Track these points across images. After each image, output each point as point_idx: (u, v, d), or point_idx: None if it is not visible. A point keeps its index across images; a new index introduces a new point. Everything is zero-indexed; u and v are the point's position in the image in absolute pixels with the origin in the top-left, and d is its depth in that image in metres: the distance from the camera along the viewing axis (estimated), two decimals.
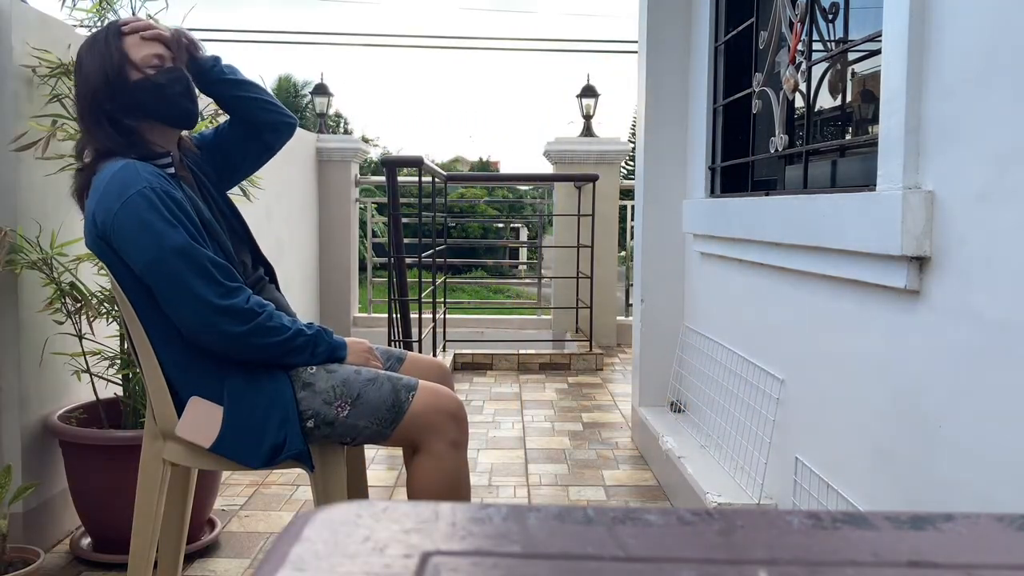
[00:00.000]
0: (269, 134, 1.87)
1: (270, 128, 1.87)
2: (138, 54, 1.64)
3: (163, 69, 1.65)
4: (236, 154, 1.87)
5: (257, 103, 1.83)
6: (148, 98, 1.64)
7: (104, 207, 1.53)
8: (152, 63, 1.64)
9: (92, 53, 1.64)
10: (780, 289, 2.11)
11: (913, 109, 1.41)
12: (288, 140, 1.92)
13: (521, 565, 0.31)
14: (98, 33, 1.68)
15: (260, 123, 1.85)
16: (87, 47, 1.66)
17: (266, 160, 1.93)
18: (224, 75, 1.80)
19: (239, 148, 1.86)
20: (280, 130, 1.88)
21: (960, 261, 1.30)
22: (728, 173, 2.76)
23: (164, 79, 1.65)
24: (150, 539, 1.71)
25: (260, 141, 1.87)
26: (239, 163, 1.89)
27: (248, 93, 1.83)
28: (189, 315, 1.53)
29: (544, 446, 3.37)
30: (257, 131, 1.86)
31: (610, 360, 5.28)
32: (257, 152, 1.89)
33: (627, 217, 6.07)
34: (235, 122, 1.86)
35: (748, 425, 2.29)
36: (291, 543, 0.33)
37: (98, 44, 1.64)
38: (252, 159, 1.90)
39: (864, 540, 0.33)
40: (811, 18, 2.05)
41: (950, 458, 1.33)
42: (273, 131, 1.88)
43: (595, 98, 6.33)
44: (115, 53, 1.62)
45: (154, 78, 1.64)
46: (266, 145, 1.89)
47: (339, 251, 6.02)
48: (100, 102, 1.62)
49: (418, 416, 1.62)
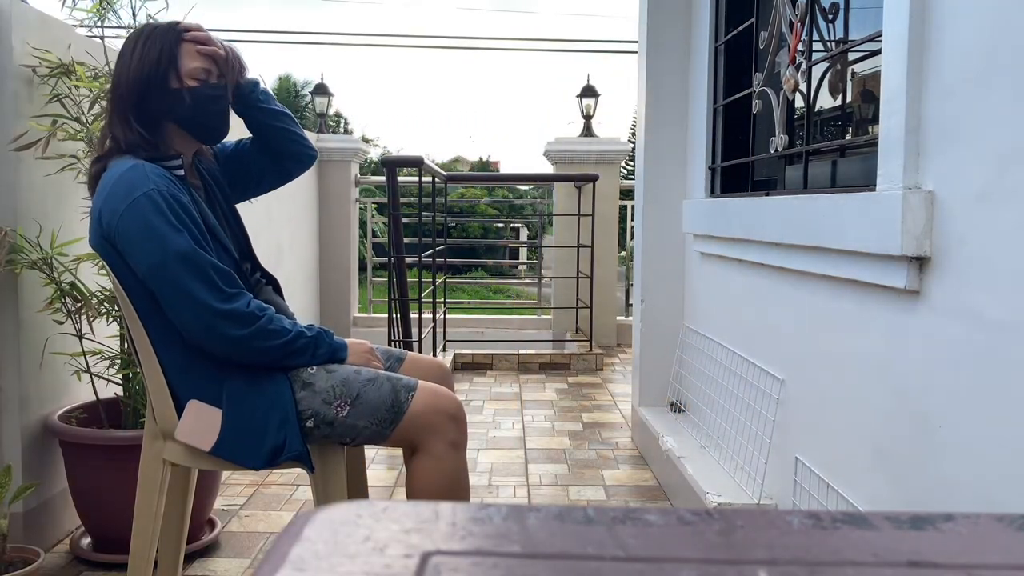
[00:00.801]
0: (290, 163, 1.92)
1: (293, 159, 1.91)
2: (188, 64, 1.64)
3: (208, 84, 1.66)
4: (253, 173, 1.90)
5: (286, 134, 1.88)
6: (184, 108, 1.64)
7: (110, 207, 1.53)
8: (198, 76, 1.65)
9: (144, 47, 1.63)
10: (780, 289, 2.11)
11: (913, 109, 1.41)
12: (307, 170, 1.97)
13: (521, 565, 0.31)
14: (157, 28, 1.66)
15: (285, 153, 1.89)
16: (141, 39, 1.64)
17: (280, 185, 1.97)
18: (261, 103, 1.83)
19: (257, 169, 1.90)
20: (302, 161, 1.93)
21: (960, 261, 1.30)
22: (728, 173, 2.76)
23: (207, 94, 1.66)
24: (150, 539, 1.71)
25: (280, 167, 1.92)
26: (254, 183, 1.92)
27: (280, 123, 1.87)
28: (191, 319, 1.53)
29: (544, 446, 3.37)
30: (280, 159, 1.90)
31: (610, 360, 5.28)
32: (274, 177, 1.93)
33: (627, 217, 6.07)
34: (259, 146, 1.89)
35: (748, 425, 2.29)
36: (291, 543, 0.33)
37: (152, 41, 1.63)
38: (268, 182, 1.94)
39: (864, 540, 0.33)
40: (811, 18, 2.05)
41: (950, 458, 1.33)
42: (296, 162, 1.92)
43: (595, 98, 6.33)
44: (165, 56, 1.62)
45: (197, 90, 1.65)
46: (285, 172, 1.93)
47: (339, 251, 6.02)
48: (131, 97, 1.62)
49: (417, 416, 1.62)
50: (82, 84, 2.29)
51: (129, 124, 1.62)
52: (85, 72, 2.29)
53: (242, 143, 1.90)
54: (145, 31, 1.66)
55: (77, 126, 2.28)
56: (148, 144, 1.62)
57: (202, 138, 1.74)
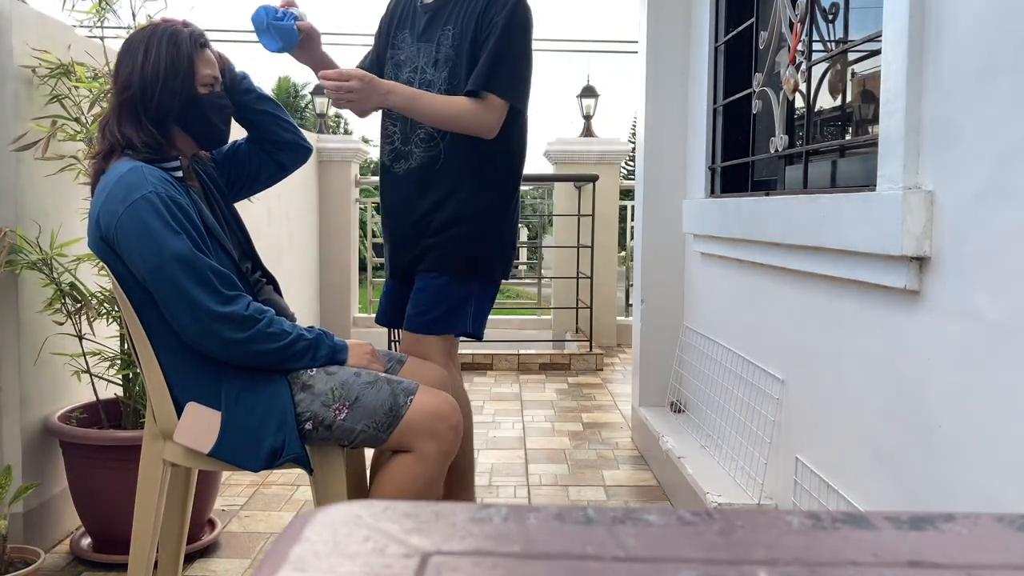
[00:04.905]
0: (285, 154, 1.93)
1: (287, 148, 1.92)
2: (202, 70, 1.67)
3: (215, 92, 1.70)
4: (250, 170, 1.91)
5: (276, 120, 1.90)
6: (195, 113, 1.67)
7: (108, 210, 1.53)
8: (208, 82, 1.68)
9: (159, 49, 1.62)
10: (780, 289, 2.11)
11: (913, 109, 1.41)
12: (302, 164, 1.97)
13: (521, 565, 0.31)
14: (175, 32, 1.65)
15: (277, 141, 1.90)
16: (155, 41, 1.63)
17: (277, 180, 1.98)
18: (252, 88, 1.87)
19: (254, 164, 1.91)
20: (296, 152, 1.94)
21: (960, 261, 1.30)
22: (728, 173, 2.76)
23: (217, 102, 1.70)
24: (150, 539, 1.71)
25: (275, 161, 1.92)
26: (251, 180, 1.93)
27: (268, 108, 1.89)
28: (190, 322, 1.53)
29: (544, 446, 3.37)
30: (274, 149, 1.91)
31: (610, 360, 5.28)
32: (270, 171, 1.94)
33: (627, 217, 6.07)
34: (252, 139, 1.91)
35: (748, 425, 2.29)
36: (291, 543, 0.33)
37: (171, 44, 1.63)
38: (264, 177, 1.94)
39: (864, 540, 0.33)
40: (811, 18, 2.05)
41: (950, 458, 1.33)
42: (290, 152, 1.93)
43: (595, 98, 6.33)
44: (185, 62, 1.63)
45: (208, 97, 1.68)
46: (280, 165, 1.94)
47: (339, 251, 6.02)
48: (145, 97, 1.61)
49: (414, 421, 1.62)
50: (82, 85, 2.29)
51: (140, 123, 1.62)
52: (85, 72, 2.29)
53: (237, 143, 1.91)
54: (157, 33, 1.65)
55: (77, 127, 2.28)
56: (156, 144, 1.62)
57: (205, 143, 1.75)
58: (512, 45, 1.90)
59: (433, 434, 1.63)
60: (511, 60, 1.90)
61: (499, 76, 1.89)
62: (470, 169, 1.98)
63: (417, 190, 2.00)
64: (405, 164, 2.02)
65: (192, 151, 1.75)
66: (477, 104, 1.89)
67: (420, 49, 1.99)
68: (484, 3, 1.91)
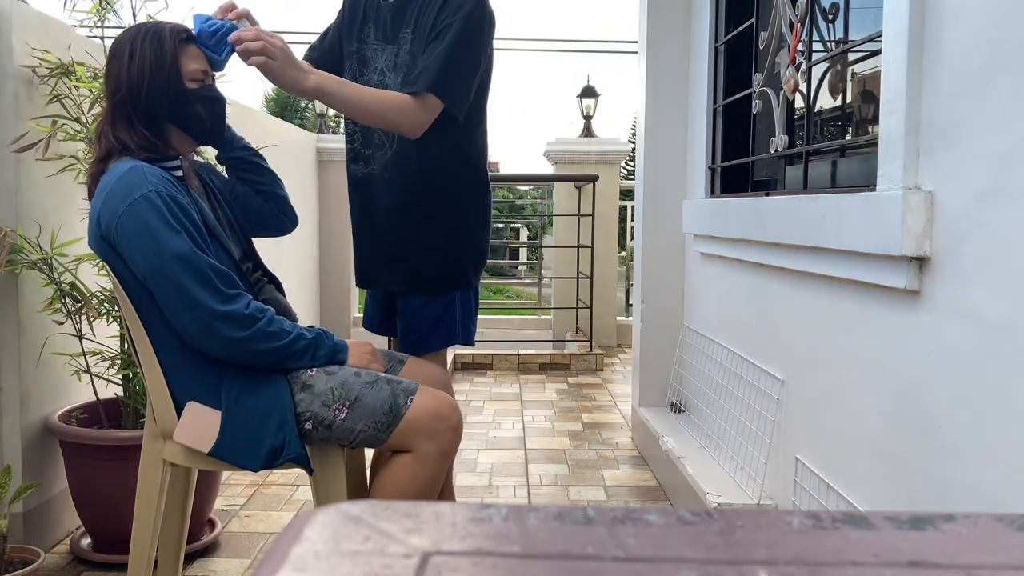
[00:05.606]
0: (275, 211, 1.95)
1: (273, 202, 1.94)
2: (188, 66, 1.65)
3: (206, 86, 1.68)
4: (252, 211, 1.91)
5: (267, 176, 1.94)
6: (187, 109, 1.65)
7: (109, 209, 1.53)
8: (197, 77, 1.66)
9: (143, 49, 1.62)
10: (780, 289, 2.11)
11: (913, 109, 1.41)
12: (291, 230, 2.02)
13: (521, 565, 0.31)
14: (155, 30, 1.64)
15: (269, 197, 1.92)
16: (138, 41, 1.63)
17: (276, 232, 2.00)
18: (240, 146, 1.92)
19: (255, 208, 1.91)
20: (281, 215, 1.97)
21: (960, 261, 1.30)
22: (728, 173, 2.76)
23: (208, 96, 1.68)
24: (150, 539, 1.71)
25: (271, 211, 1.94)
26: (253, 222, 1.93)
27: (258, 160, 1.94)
28: (190, 321, 1.53)
29: (544, 446, 3.37)
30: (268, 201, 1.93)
31: (610, 360, 5.28)
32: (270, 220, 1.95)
33: (627, 217, 6.07)
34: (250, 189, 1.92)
35: (748, 425, 2.29)
36: (291, 543, 0.33)
37: (152, 42, 1.62)
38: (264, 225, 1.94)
39: (864, 540, 0.33)
40: (811, 18, 2.05)
41: (950, 458, 1.33)
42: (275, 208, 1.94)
43: (595, 98, 6.33)
44: (169, 58, 1.62)
45: (198, 92, 1.66)
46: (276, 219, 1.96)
47: (339, 251, 6.01)
48: (133, 99, 1.61)
49: (414, 421, 1.62)
50: (82, 85, 2.29)
51: (132, 126, 1.61)
52: (85, 72, 2.29)
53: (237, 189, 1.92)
54: (140, 33, 1.64)
55: (77, 126, 2.28)
56: (151, 145, 1.62)
57: (202, 139, 1.74)
58: (457, 48, 1.83)
59: (433, 434, 1.63)
60: (454, 63, 1.83)
61: (439, 77, 1.81)
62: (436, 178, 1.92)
63: (384, 192, 1.95)
64: (365, 167, 1.97)
65: (190, 149, 1.74)
66: (409, 101, 1.79)
67: (383, 50, 1.95)
68: (440, 3, 1.86)
